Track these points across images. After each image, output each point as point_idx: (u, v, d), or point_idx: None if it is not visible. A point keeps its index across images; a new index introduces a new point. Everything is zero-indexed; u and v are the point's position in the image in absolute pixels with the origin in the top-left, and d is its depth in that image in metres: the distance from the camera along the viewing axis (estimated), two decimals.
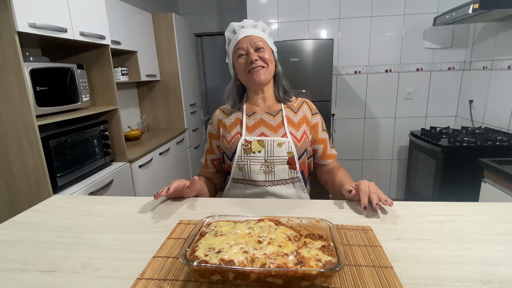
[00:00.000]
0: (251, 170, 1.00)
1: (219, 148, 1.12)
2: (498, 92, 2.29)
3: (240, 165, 1.01)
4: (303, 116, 1.07)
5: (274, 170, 1.00)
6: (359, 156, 3.07)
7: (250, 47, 1.01)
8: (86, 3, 1.73)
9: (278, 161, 1.00)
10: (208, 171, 1.16)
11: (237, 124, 1.07)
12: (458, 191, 2.10)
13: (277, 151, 0.99)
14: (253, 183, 1.01)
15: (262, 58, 1.01)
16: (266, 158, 1.00)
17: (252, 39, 1.02)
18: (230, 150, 1.04)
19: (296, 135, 1.03)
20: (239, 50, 1.03)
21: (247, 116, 1.07)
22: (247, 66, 1.02)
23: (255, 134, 1.04)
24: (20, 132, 1.41)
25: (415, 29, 2.69)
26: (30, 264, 0.64)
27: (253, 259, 0.54)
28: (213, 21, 4.09)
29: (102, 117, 2.00)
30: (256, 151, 1.00)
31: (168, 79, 3.04)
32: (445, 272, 0.57)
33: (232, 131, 1.06)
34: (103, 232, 0.78)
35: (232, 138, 1.04)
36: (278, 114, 1.07)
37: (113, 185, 1.88)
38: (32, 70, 1.42)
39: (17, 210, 1.34)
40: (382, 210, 0.85)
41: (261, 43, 1.02)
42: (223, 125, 1.09)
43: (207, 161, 1.15)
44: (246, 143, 1.01)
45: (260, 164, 1.00)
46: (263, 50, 1.02)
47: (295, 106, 1.09)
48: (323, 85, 2.49)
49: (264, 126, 1.04)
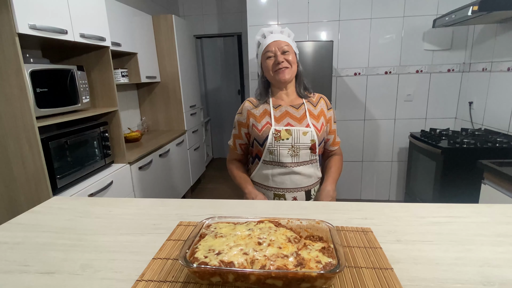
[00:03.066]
0: (280, 154, 1.19)
1: (247, 135, 1.29)
2: (498, 94, 2.30)
3: (271, 150, 1.19)
4: (321, 110, 1.26)
5: (299, 154, 1.19)
6: (359, 158, 3.07)
7: (277, 50, 1.17)
8: (86, 5, 1.73)
9: (303, 147, 1.19)
10: (237, 153, 1.35)
11: (265, 115, 1.23)
12: (458, 192, 2.10)
13: (303, 139, 1.18)
14: (281, 164, 1.20)
15: (287, 60, 1.18)
16: (293, 144, 1.18)
17: (279, 43, 1.18)
18: (261, 138, 1.21)
19: (317, 125, 1.21)
20: (268, 53, 1.19)
21: (274, 108, 1.24)
22: (274, 66, 1.19)
23: (282, 124, 1.21)
24: (20, 133, 1.41)
25: (415, 31, 2.69)
26: (29, 266, 0.64)
27: (253, 260, 0.54)
28: (213, 23, 4.10)
29: (102, 119, 2.00)
30: (284, 139, 1.18)
31: (168, 80, 3.04)
32: (445, 274, 0.57)
33: (262, 121, 1.22)
34: (102, 233, 0.78)
35: (263, 127, 1.21)
36: (300, 107, 1.24)
37: (113, 187, 1.88)
38: (32, 72, 1.42)
39: (17, 212, 1.33)
40: (382, 211, 0.85)
41: (287, 47, 1.18)
42: (252, 115, 1.25)
43: (235, 144, 1.33)
44: (276, 132, 1.18)
45: (288, 149, 1.18)
46: (288, 53, 1.18)
47: (314, 101, 1.27)
48: (323, 86, 2.49)
49: (289, 117, 1.22)
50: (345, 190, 3.12)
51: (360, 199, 3.17)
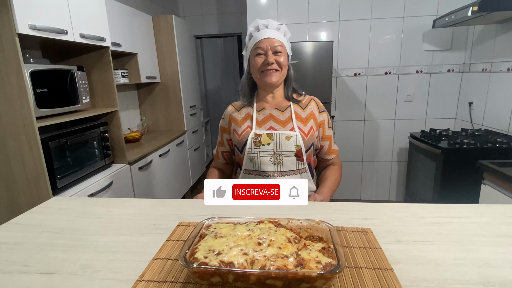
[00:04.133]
0: (261, 161, 1.07)
1: (229, 142, 1.19)
2: (498, 94, 2.30)
3: (251, 157, 1.08)
4: (310, 112, 1.13)
5: (282, 162, 1.06)
6: (359, 158, 3.07)
7: (269, 49, 1.05)
8: (86, 5, 1.73)
9: (286, 153, 1.06)
10: (219, 162, 1.25)
11: (247, 119, 1.13)
12: (458, 193, 2.10)
13: (286, 144, 1.05)
14: (263, 174, 1.07)
15: (278, 62, 1.06)
16: (275, 150, 1.06)
17: (273, 42, 1.05)
18: (240, 143, 1.10)
19: (304, 129, 1.08)
20: (259, 49, 1.06)
21: (257, 112, 1.13)
22: (262, 66, 1.06)
23: (264, 128, 1.10)
24: (20, 133, 1.41)
25: (415, 31, 2.69)
26: (29, 266, 0.64)
27: (253, 261, 0.54)
28: (213, 23, 4.09)
29: (102, 119, 2.00)
30: (265, 144, 1.06)
31: (168, 81, 3.04)
32: (445, 274, 0.57)
33: (243, 125, 1.12)
34: (102, 234, 0.78)
35: (243, 132, 1.11)
36: (286, 109, 1.12)
37: (113, 187, 1.88)
38: (32, 72, 1.42)
39: (17, 212, 1.33)
40: (382, 211, 0.85)
41: (280, 47, 1.06)
42: (234, 120, 1.15)
43: (218, 152, 1.24)
44: (256, 136, 1.07)
45: (269, 156, 1.06)
46: (281, 54, 1.06)
47: (303, 103, 1.15)
48: (323, 87, 2.49)
49: (273, 121, 1.10)
50: (345, 190, 3.12)
51: (360, 199, 3.17)
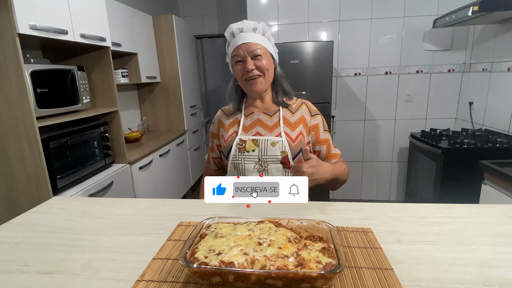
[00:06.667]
0: (245, 168, 1.03)
1: (218, 148, 1.16)
2: (498, 94, 2.29)
3: (235, 164, 1.04)
4: (300, 117, 1.07)
5: (267, 169, 1.02)
6: (359, 158, 3.07)
7: (247, 55, 0.99)
8: (86, 5, 1.73)
9: (272, 160, 1.01)
10: (211, 168, 1.22)
11: (235, 124, 1.10)
12: (458, 193, 2.10)
13: (271, 150, 1.01)
14: None
15: (259, 67, 1.00)
16: (260, 157, 1.02)
17: (249, 47, 0.99)
18: (226, 149, 1.07)
19: (291, 135, 1.03)
20: (236, 57, 1.01)
21: (245, 117, 1.10)
22: (244, 74, 1.01)
23: (251, 133, 1.06)
24: (20, 133, 1.41)
25: (415, 31, 2.69)
26: (29, 266, 0.64)
27: (253, 261, 0.54)
28: (214, 23, 4.09)
29: (102, 119, 2.00)
30: (250, 150, 1.02)
31: (168, 81, 3.04)
32: (445, 274, 0.57)
33: (229, 131, 1.09)
34: (103, 233, 0.78)
35: (229, 137, 1.08)
36: (275, 114, 1.08)
37: (113, 187, 1.88)
38: (32, 72, 1.42)
39: (17, 212, 1.33)
40: (382, 211, 0.85)
41: (259, 50, 0.99)
42: (222, 125, 1.13)
43: (209, 158, 1.21)
44: (241, 142, 1.04)
45: (254, 163, 1.02)
46: (261, 57, 1.00)
47: (293, 107, 1.10)
48: (323, 87, 2.49)
49: (260, 126, 1.06)
50: (345, 190, 3.12)
51: (360, 199, 3.17)
